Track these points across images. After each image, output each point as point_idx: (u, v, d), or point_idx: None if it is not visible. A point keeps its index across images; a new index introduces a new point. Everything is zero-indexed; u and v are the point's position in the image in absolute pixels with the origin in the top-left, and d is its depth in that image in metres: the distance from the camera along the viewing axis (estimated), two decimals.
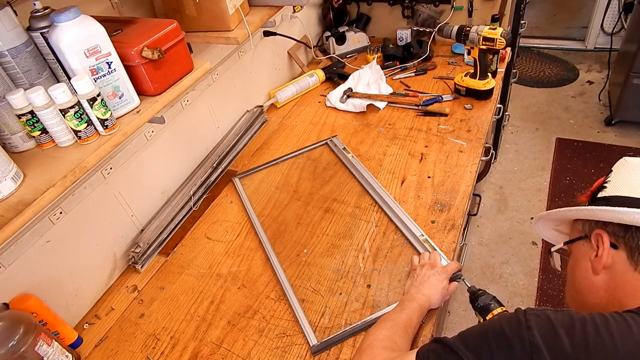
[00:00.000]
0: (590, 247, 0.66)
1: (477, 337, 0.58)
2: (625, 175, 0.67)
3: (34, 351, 0.81)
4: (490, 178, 2.65)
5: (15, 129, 0.81)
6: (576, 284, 0.69)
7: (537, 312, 0.55)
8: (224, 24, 1.12)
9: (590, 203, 0.69)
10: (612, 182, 0.67)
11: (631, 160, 0.68)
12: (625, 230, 0.61)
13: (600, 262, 0.63)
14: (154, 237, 1.23)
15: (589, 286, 0.66)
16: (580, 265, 0.68)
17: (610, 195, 0.66)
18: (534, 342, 0.52)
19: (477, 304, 0.86)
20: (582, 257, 0.67)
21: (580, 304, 0.69)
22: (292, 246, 1.17)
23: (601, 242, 0.64)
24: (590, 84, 3.36)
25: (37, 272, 0.96)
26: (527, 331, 0.53)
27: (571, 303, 0.72)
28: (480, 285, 0.91)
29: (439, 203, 1.22)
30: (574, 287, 0.70)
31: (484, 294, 0.87)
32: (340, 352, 0.93)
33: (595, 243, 0.65)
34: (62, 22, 0.76)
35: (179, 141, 1.36)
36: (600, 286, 0.64)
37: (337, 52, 2.02)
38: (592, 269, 0.65)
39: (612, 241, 0.63)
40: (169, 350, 0.99)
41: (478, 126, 1.48)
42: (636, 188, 0.64)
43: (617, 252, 0.62)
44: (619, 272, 0.62)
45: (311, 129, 1.62)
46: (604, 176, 0.71)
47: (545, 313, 0.55)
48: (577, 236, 0.70)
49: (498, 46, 1.46)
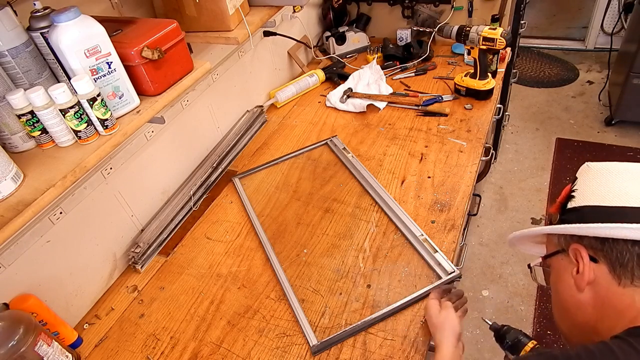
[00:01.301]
0: (569, 261, 0.64)
1: None
2: (590, 182, 0.65)
3: (34, 351, 0.81)
4: (490, 178, 2.65)
5: (15, 129, 0.81)
6: (562, 302, 0.67)
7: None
8: (224, 24, 1.12)
9: (561, 215, 0.67)
10: (579, 191, 0.65)
11: (594, 166, 0.67)
12: (603, 242, 0.59)
13: (583, 278, 0.61)
14: (154, 237, 1.23)
15: (576, 304, 0.63)
16: (563, 281, 0.66)
17: (580, 205, 0.64)
18: None
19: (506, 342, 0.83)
20: (564, 272, 0.65)
21: (569, 323, 0.67)
22: (292, 246, 1.17)
23: (580, 257, 0.62)
24: (590, 84, 3.36)
25: (37, 272, 0.96)
26: None
27: (560, 322, 0.70)
28: (480, 286, 0.90)
29: (439, 203, 1.22)
30: (560, 305, 0.68)
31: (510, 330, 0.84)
32: (340, 352, 0.93)
33: (574, 258, 0.63)
34: (62, 22, 0.76)
35: (179, 141, 1.36)
36: (588, 303, 0.62)
37: (337, 52, 2.02)
38: (576, 285, 0.63)
39: (591, 254, 0.61)
40: (169, 350, 0.99)
41: (478, 126, 1.48)
42: (604, 196, 0.62)
43: (598, 265, 0.60)
44: (603, 287, 0.60)
45: (311, 129, 1.62)
46: (570, 184, 0.69)
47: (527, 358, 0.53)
48: (554, 250, 0.68)
49: (498, 46, 1.46)
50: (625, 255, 0.57)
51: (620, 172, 0.63)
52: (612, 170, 0.64)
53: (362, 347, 0.93)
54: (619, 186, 0.61)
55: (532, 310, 1.94)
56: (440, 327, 0.86)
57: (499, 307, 1.97)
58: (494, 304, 1.99)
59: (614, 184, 0.62)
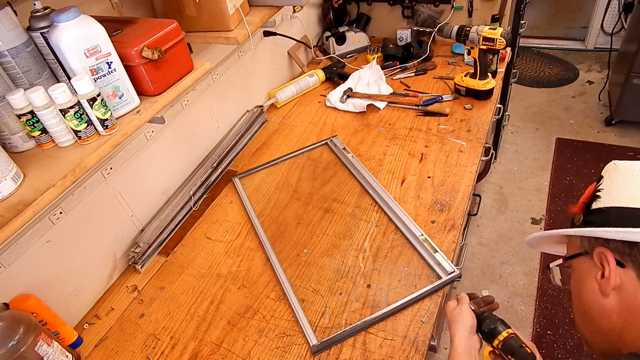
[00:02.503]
0: (593, 264, 0.61)
1: None
2: (618, 182, 0.61)
3: (34, 351, 0.81)
4: (490, 178, 2.65)
5: (15, 129, 0.81)
6: (586, 308, 0.63)
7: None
8: (224, 24, 1.12)
9: (585, 215, 0.63)
10: (605, 191, 0.62)
11: (622, 164, 0.63)
12: (631, 247, 0.56)
13: (608, 283, 0.58)
14: (154, 237, 1.23)
15: (600, 310, 0.60)
16: (586, 286, 0.62)
17: (607, 206, 0.60)
18: None
19: (482, 329, 0.83)
20: (587, 276, 0.62)
21: (592, 329, 0.64)
22: (292, 246, 1.17)
23: (606, 261, 0.58)
24: (590, 84, 3.36)
25: (37, 272, 0.96)
26: None
27: (582, 327, 0.66)
28: (480, 286, 0.91)
29: (439, 203, 1.22)
30: (584, 311, 0.64)
31: (488, 318, 0.84)
32: (340, 352, 0.93)
33: (599, 262, 0.59)
34: (62, 22, 0.76)
35: (179, 141, 1.36)
36: (613, 310, 0.59)
37: (337, 52, 2.02)
38: (600, 290, 0.59)
39: (618, 259, 0.57)
40: (169, 350, 0.99)
41: (478, 126, 1.48)
42: (633, 197, 0.58)
43: (625, 270, 0.57)
44: (630, 293, 0.56)
45: (311, 129, 1.62)
46: (594, 183, 0.65)
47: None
48: (577, 252, 0.64)
49: (498, 46, 1.46)
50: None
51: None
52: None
53: (362, 347, 0.93)
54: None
55: (532, 310, 1.94)
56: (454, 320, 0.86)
57: None
58: None
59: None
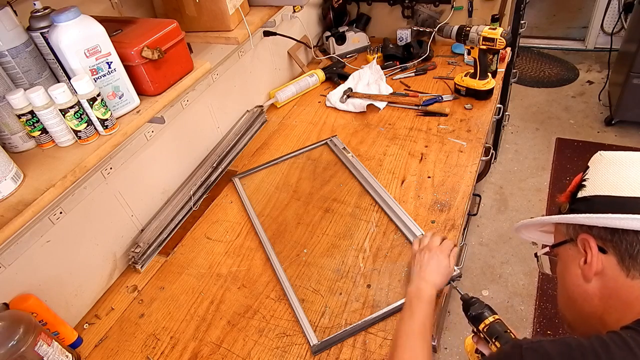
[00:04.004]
0: (577, 251, 0.63)
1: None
2: (603, 171, 0.63)
3: (34, 351, 0.81)
4: (490, 178, 2.65)
5: (15, 129, 0.81)
6: (569, 292, 0.66)
7: (534, 346, 0.53)
8: (224, 24, 1.12)
9: (571, 204, 0.66)
10: (590, 180, 0.64)
11: (607, 155, 0.64)
12: (612, 233, 0.58)
13: (590, 268, 0.60)
14: (154, 237, 1.23)
15: (582, 294, 0.63)
16: (570, 271, 0.65)
17: (591, 195, 0.62)
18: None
19: (470, 313, 0.86)
20: (571, 262, 0.65)
21: (574, 313, 0.67)
22: (292, 246, 1.17)
23: (588, 247, 0.61)
24: (590, 84, 3.36)
25: (37, 272, 0.96)
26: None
27: (565, 311, 0.69)
28: (480, 286, 0.91)
29: (439, 203, 1.22)
30: (567, 295, 0.67)
31: (476, 303, 0.86)
32: (340, 352, 0.93)
33: (582, 248, 0.62)
34: (62, 22, 0.76)
35: (179, 141, 1.36)
36: (594, 294, 0.61)
37: (337, 52, 2.02)
38: (583, 276, 0.62)
39: (600, 245, 0.60)
40: (169, 350, 0.99)
41: (478, 126, 1.48)
42: (616, 186, 0.60)
43: (607, 256, 0.59)
44: (611, 278, 0.59)
45: (311, 129, 1.62)
46: (581, 173, 0.67)
47: (543, 346, 0.52)
48: (562, 240, 0.67)
49: (498, 46, 1.46)
50: (635, 246, 0.56)
51: (635, 161, 0.61)
52: (626, 159, 0.62)
53: (362, 346, 0.93)
54: (633, 176, 0.60)
55: (532, 310, 1.94)
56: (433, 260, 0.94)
57: (498, 307, 1.97)
58: (493, 304, 1.97)
59: (628, 173, 0.60)
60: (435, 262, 0.94)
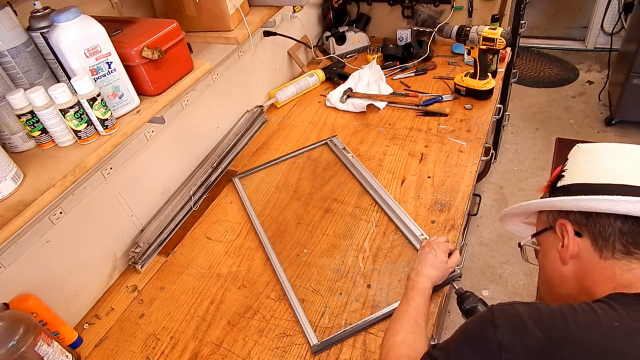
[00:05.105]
0: (556, 237, 0.67)
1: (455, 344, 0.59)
2: (579, 162, 0.67)
3: (34, 351, 0.81)
4: (490, 178, 2.65)
5: (15, 129, 0.81)
6: (547, 276, 0.70)
7: (506, 308, 0.56)
8: (224, 24, 1.12)
9: (551, 194, 0.69)
10: (568, 171, 0.68)
11: (584, 147, 0.69)
12: (587, 217, 0.62)
13: (567, 251, 0.64)
14: (154, 237, 1.23)
15: (559, 277, 0.66)
16: (548, 256, 0.69)
17: (568, 183, 0.66)
18: (502, 341, 0.52)
19: (464, 306, 0.88)
20: (550, 248, 0.68)
21: (553, 296, 0.70)
22: (292, 246, 1.17)
23: (565, 231, 0.64)
24: (590, 84, 3.36)
25: (37, 272, 0.96)
26: (495, 329, 0.53)
27: (545, 296, 0.73)
28: (480, 286, 0.92)
29: (439, 203, 1.22)
30: (545, 279, 0.71)
31: (471, 297, 0.88)
32: (341, 352, 0.93)
33: (560, 233, 0.66)
34: (62, 22, 0.76)
35: (179, 141, 1.36)
36: (570, 276, 0.65)
37: (337, 52, 2.02)
38: (560, 259, 0.66)
39: (576, 229, 0.63)
40: (169, 350, 0.99)
41: (478, 126, 1.48)
42: (591, 174, 0.64)
43: (582, 240, 0.63)
44: (585, 260, 0.62)
45: (311, 129, 1.62)
46: (561, 165, 0.71)
47: (514, 308, 0.55)
48: (543, 227, 0.71)
49: (498, 46, 1.46)
50: (608, 229, 0.60)
51: (608, 151, 0.65)
52: (601, 150, 0.66)
53: (362, 347, 0.93)
54: (606, 165, 0.64)
55: None
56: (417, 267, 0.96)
57: None
58: None
59: (602, 162, 0.64)
60: (432, 256, 0.96)
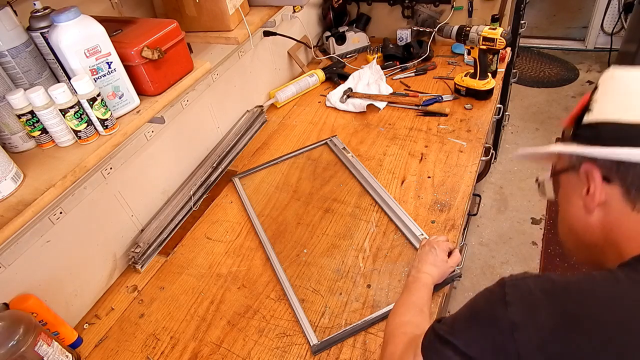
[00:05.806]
0: (579, 180, 0.58)
1: (462, 321, 0.55)
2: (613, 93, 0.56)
3: (34, 351, 0.81)
4: (490, 178, 2.65)
5: (15, 129, 0.81)
6: (570, 223, 0.62)
7: (517, 282, 0.51)
8: (224, 24, 1.12)
9: (575, 129, 0.59)
10: (598, 103, 0.57)
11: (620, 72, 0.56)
12: (618, 164, 0.53)
13: (593, 200, 0.56)
14: (154, 237, 1.23)
15: (584, 227, 0.59)
16: (571, 201, 0.61)
17: (597, 121, 0.56)
18: (514, 320, 0.47)
19: None
20: (572, 192, 0.60)
21: (575, 242, 0.63)
22: (292, 246, 1.17)
23: (592, 178, 0.56)
24: (590, 84, 3.36)
25: (37, 272, 0.96)
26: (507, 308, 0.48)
27: (566, 240, 0.66)
28: (480, 286, 0.92)
29: (439, 203, 1.22)
30: (567, 224, 0.63)
31: None
32: (341, 352, 0.93)
33: (585, 178, 0.57)
34: (62, 22, 0.76)
35: (179, 141, 1.36)
36: (596, 226, 0.57)
37: (337, 52, 2.02)
38: (584, 207, 0.58)
39: (604, 174, 0.54)
40: (169, 350, 0.99)
41: (478, 126, 1.48)
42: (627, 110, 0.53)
43: (611, 187, 0.54)
44: (614, 210, 0.54)
45: (311, 129, 1.62)
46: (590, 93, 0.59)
47: (526, 282, 0.50)
48: (564, 167, 0.62)
49: (498, 46, 1.46)
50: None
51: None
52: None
53: (362, 347, 0.93)
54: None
55: None
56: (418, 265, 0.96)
57: None
58: None
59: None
60: (433, 255, 0.96)
